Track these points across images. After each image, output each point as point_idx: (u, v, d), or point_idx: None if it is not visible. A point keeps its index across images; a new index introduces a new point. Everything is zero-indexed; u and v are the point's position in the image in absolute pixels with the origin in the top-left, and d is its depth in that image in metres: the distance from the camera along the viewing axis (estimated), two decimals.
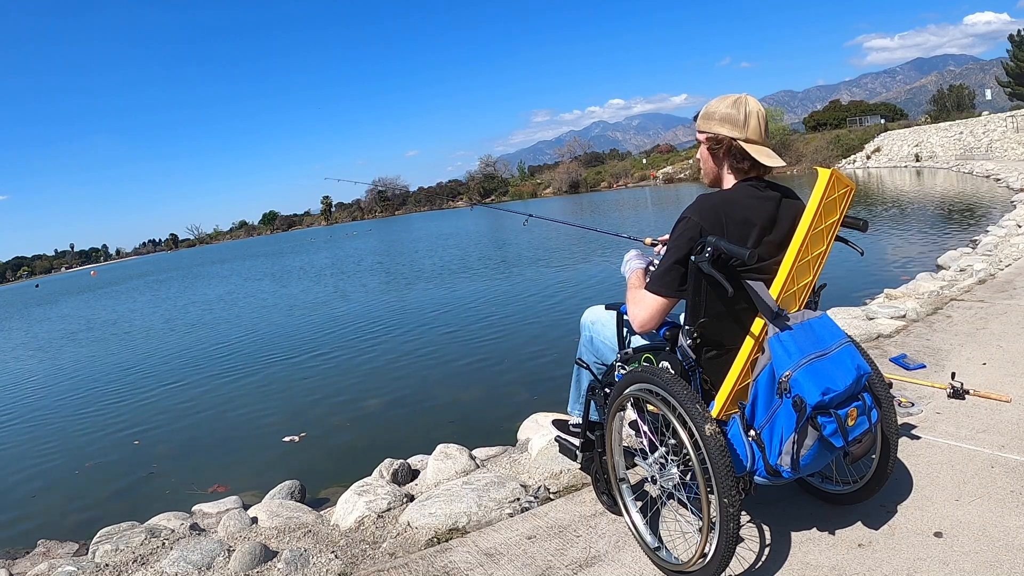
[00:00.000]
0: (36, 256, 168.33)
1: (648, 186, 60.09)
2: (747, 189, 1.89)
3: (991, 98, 48.81)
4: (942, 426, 2.68)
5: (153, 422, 6.57)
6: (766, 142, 1.89)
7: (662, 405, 1.86)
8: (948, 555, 1.88)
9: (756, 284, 1.77)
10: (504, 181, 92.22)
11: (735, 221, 1.82)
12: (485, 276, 13.95)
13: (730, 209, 1.83)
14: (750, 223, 1.83)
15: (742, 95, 1.90)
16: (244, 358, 9.09)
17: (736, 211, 1.83)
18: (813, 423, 1.68)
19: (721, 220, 1.81)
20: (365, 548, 2.54)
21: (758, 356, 1.81)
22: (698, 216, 1.83)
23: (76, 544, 3.46)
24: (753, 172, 1.92)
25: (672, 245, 1.88)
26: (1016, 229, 8.40)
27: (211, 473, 4.86)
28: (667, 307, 1.94)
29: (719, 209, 1.83)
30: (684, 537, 2.09)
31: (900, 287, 5.72)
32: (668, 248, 1.90)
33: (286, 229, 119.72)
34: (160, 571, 2.54)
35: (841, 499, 2.18)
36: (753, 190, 1.88)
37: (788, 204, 1.89)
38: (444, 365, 7.04)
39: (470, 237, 27.39)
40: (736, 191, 1.90)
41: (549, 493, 2.72)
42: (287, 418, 5.92)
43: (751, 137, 1.86)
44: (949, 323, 4.08)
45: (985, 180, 20.01)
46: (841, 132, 48.38)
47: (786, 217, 1.87)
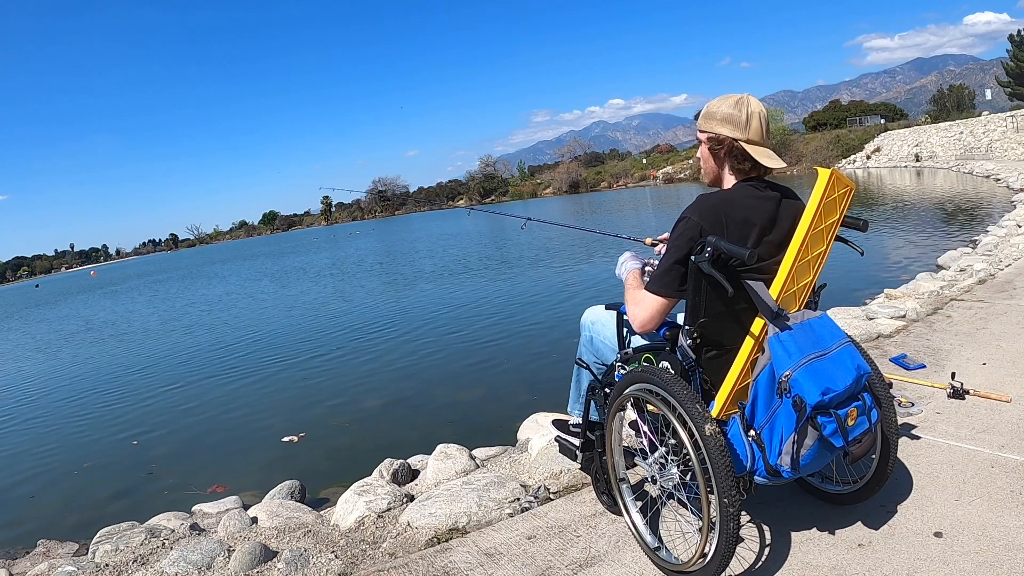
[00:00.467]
0: (36, 256, 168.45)
1: (648, 186, 60.11)
2: (747, 189, 1.89)
3: (991, 98, 48.81)
4: (942, 426, 2.68)
5: (154, 423, 6.56)
6: (767, 143, 1.89)
7: (662, 405, 1.86)
8: (948, 555, 1.88)
9: (756, 284, 1.77)
10: (504, 181, 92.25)
11: (735, 221, 1.82)
12: (485, 276, 13.95)
13: (730, 209, 1.83)
14: (750, 223, 1.83)
15: (744, 95, 1.89)
16: (244, 359, 9.09)
17: (736, 211, 1.83)
18: (813, 423, 1.68)
19: (721, 220, 1.81)
20: (365, 548, 2.54)
21: (758, 356, 1.81)
22: (698, 216, 1.82)
23: (76, 544, 3.46)
24: (754, 172, 1.92)
25: (672, 245, 1.88)
26: (1016, 229, 8.40)
27: (210, 473, 4.86)
28: (667, 307, 1.94)
29: (719, 209, 1.83)
30: (684, 537, 2.09)
31: (900, 287, 5.72)
32: (668, 248, 1.90)
33: (286, 229, 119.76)
34: (160, 571, 2.54)
35: (841, 499, 2.18)
36: (753, 190, 1.88)
37: (788, 204, 1.89)
38: (444, 365, 7.04)
39: (470, 237, 27.39)
40: (736, 191, 1.90)
41: (549, 493, 2.72)
42: (286, 418, 5.92)
43: (752, 138, 1.86)
44: (949, 323, 4.08)
45: (985, 180, 20.02)
46: (841, 132, 48.37)
47: (786, 217, 1.87)
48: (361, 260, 24.66)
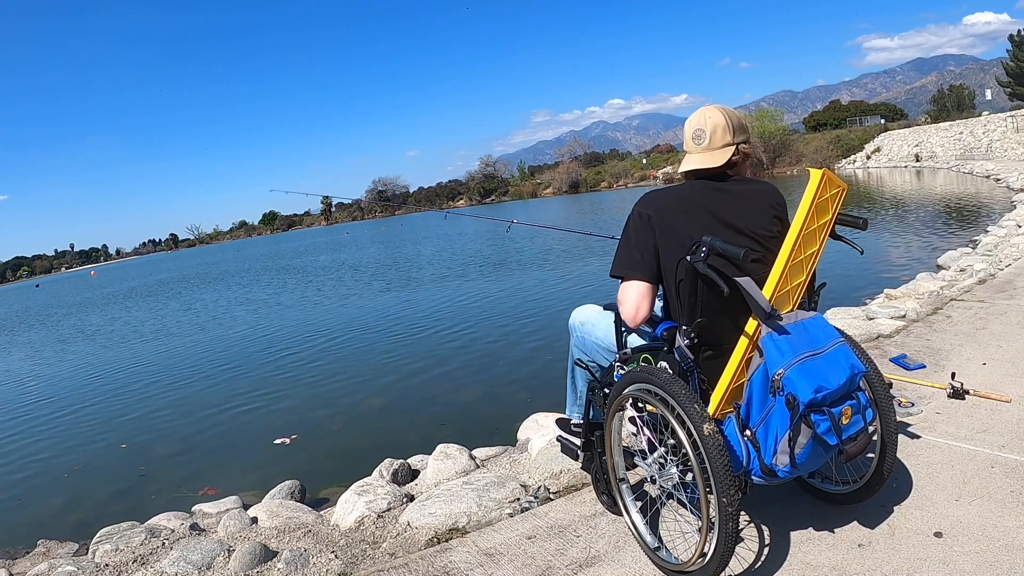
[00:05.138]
0: (36, 256, 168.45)
1: (648, 186, 60.07)
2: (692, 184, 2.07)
3: (991, 98, 48.81)
4: (942, 426, 2.68)
5: (155, 422, 6.57)
6: (696, 148, 2.02)
7: (661, 405, 1.86)
8: (948, 555, 1.88)
9: (750, 285, 1.78)
10: (504, 181, 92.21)
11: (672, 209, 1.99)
12: (485, 276, 13.95)
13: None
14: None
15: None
16: (245, 359, 9.10)
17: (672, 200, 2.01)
18: (807, 421, 1.69)
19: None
20: (365, 548, 2.54)
21: (752, 356, 1.82)
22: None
23: (76, 544, 3.46)
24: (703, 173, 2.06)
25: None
26: (1016, 229, 8.40)
27: (210, 474, 4.86)
28: (645, 289, 1.97)
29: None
30: (684, 537, 2.09)
31: (900, 287, 5.73)
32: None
33: (286, 229, 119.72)
34: (160, 571, 2.55)
35: (841, 499, 2.18)
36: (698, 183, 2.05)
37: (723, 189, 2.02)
38: (444, 365, 7.03)
39: (471, 237, 27.39)
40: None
41: (549, 493, 2.72)
42: (286, 419, 5.91)
43: (686, 148, 2.07)
44: (949, 323, 4.08)
45: (985, 180, 20.02)
46: (841, 132, 48.36)
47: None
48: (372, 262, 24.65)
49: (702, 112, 2.03)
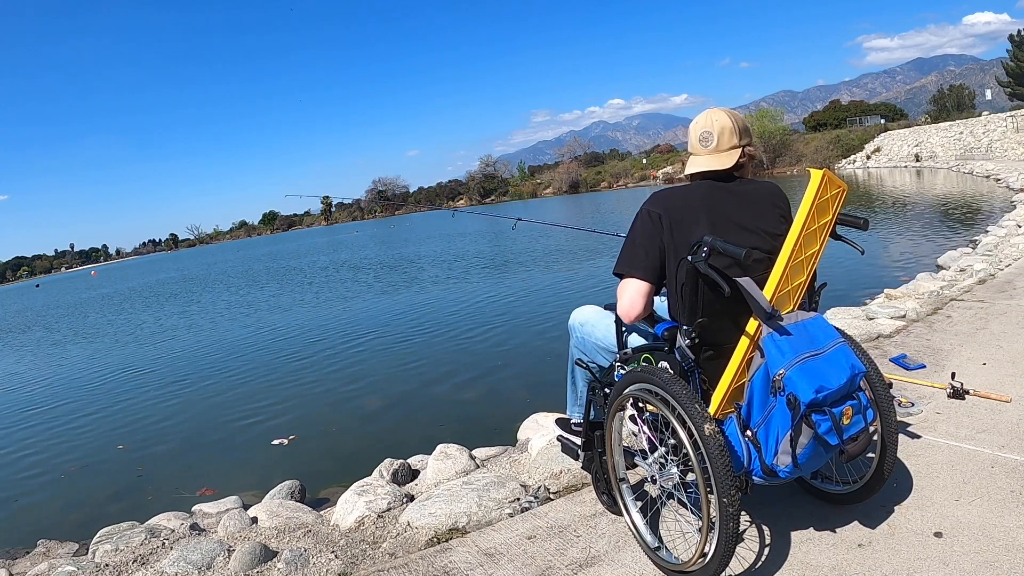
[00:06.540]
0: (36, 256, 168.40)
1: (648, 186, 60.05)
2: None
3: (991, 98, 48.79)
4: (942, 426, 2.68)
5: (155, 422, 6.57)
6: (701, 150, 2.03)
7: (661, 405, 1.86)
8: (948, 555, 1.88)
9: (750, 285, 1.78)
10: (504, 181, 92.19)
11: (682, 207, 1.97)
12: (485, 276, 13.95)
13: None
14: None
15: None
16: (246, 359, 9.10)
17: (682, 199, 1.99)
18: (807, 421, 1.70)
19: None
20: (365, 548, 2.54)
21: (753, 356, 1.82)
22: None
23: (76, 544, 3.46)
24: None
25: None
26: (1016, 229, 8.40)
27: (209, 474, 4.86)
28: (643, 288, 1.96)
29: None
30: (684, 537, 2.09)
31: (900, 287, 5.73)
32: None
33: (286, 229, 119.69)
34: (160, 571, 2.55)
35: (841, 499, 2.18)
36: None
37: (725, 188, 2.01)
38: (444, 365, 7.03)
39: (471, 237, 27.39)
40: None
41: (549, 493, 2.72)
42: (286, 419, 5.92)
43: (691, 151, 2.08)
44: (949, 323, 4.08)
45: (985, 180, 20.02)
46: (841, 132, 48.36)
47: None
48: (371, 260, 24.66)
49: (708, 115, 2.04)
